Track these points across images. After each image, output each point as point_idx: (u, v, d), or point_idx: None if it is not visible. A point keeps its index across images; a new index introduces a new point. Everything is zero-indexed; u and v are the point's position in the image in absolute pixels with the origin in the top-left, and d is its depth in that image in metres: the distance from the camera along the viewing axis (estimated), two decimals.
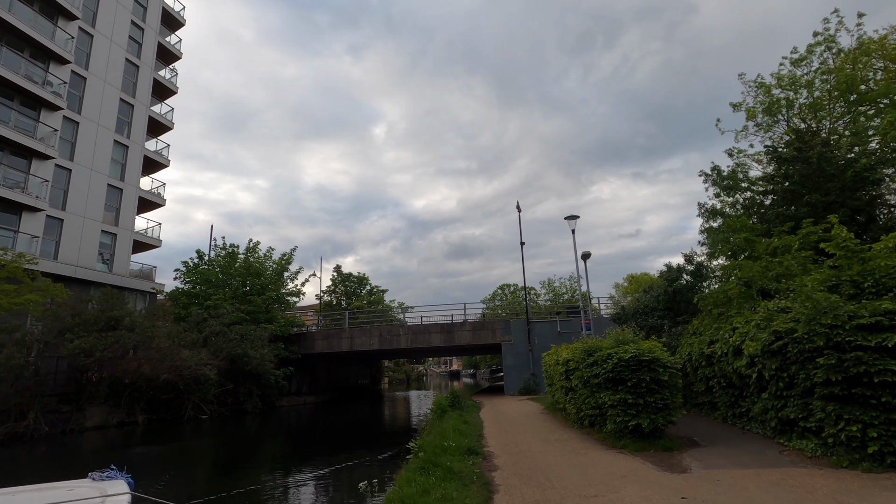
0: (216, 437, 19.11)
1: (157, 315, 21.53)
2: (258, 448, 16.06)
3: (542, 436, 10.08)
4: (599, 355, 8.74)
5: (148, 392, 20.45)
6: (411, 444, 8.23)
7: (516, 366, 25.07)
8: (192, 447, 16.51)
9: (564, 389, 11.61)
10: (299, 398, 29.97)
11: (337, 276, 55.21)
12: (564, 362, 11.02)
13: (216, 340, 22.84)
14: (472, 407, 17.25)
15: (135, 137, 29.68)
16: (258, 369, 22.88)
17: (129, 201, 28.87)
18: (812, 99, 19.66)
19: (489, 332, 26.25)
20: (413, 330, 27.34)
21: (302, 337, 28.91)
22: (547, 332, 25.27)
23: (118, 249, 27.77)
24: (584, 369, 9.31)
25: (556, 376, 12.62)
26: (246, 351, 22.59)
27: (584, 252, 14.80)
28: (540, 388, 24.36)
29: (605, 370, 8.39)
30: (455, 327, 26.75)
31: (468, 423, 12.04)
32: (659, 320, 13.46)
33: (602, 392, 8.62)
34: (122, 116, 29.13)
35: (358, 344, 27.84)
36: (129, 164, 29.12)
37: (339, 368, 38.11)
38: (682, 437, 8.62)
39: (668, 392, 8.00)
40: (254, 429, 20.97)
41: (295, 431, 20.64)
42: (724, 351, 8.92)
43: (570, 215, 14.87)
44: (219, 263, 26.64)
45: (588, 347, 9.43)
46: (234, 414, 23.46)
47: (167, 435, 18.82)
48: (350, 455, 13.67)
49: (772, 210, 13.14)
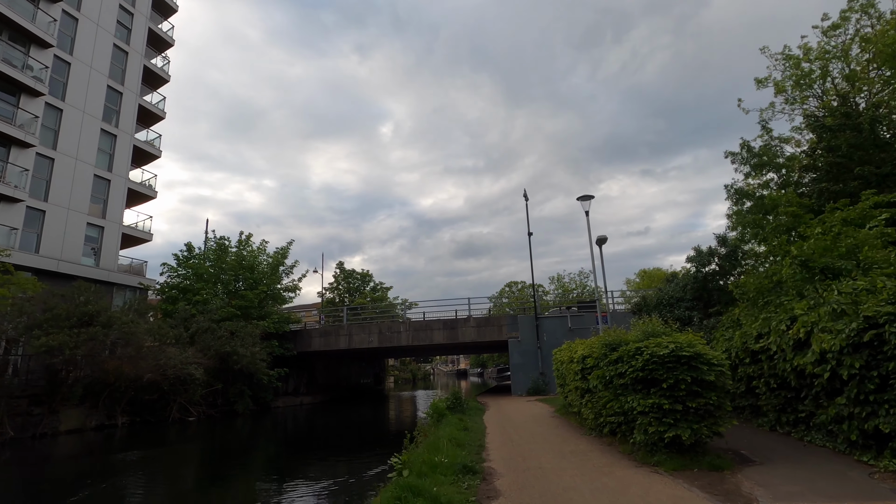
0: (196, 441, 17.71)
1: (138, 310, 20.17)
2: (234, 457, 14.62)
3: (554, 446, 8.51)
4: (625, 350, 7.15)
5: (129, 393, 19.10)
6: (394, 459, 6.71)
7: (524, 364, 23.48)
8: (166, 453, 15.10)
9: (580, 391, 10.03)
10: (296, 399, 28.58)
11: (339, 273, 53.85)
12: (580, 359, 9.43)
13: (204, 337, 21.47)
14: (475, 409, 15.70)
15: (123, 126, 28.41)
16: (249, 368, 21.48)
17: (118, 193, 27.60)
18: (849, 70, 17.85)
19: (495, 328, 24.68)
20: (414, 326, 25.83)
21: (298, 334, 27.51)
22: (557, 329, 23.65)
23: (106, 243, 26.51)
24: (606, 367, 7.72)
25: (569, 375, 11.04)
26: (235, 349, 21.20)
27: (600, 237, 13.19)
28: (550, 389, 22.76)
29: (633, 368, 6.80)
30: (458, 324, 25.21)
31: (468, 429, 10.49)
32: (687, 312, 11.82)
33: (629, 395, 7.03)
34: (109, 104, 27.86)
35: (356, 341, 26.39)
36: (117, 153, 27.85)
37: (340, 367, 36.70)
38: (728, 451, 7.02)
39: (715, 396, 6.39)
40: (241, 433, 19.56)
41: (285, 436, 19.20)
42: (780, 345, 7.30)
43: (584, 195, 13.25)
44: (209, 257, 25.28)
45: (610, 341, 7.84)
46: (224, 416, 22.09)
47: (147, 439, 17.46)
48: (336, 468, 12.19)
49: (815, 186, 11.44)
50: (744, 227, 12.03)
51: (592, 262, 13.10)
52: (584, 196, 13.29)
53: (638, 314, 12.88)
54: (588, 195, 13.20)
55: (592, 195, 13.21)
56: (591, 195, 13.24)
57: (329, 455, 13.97)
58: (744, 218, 12.22)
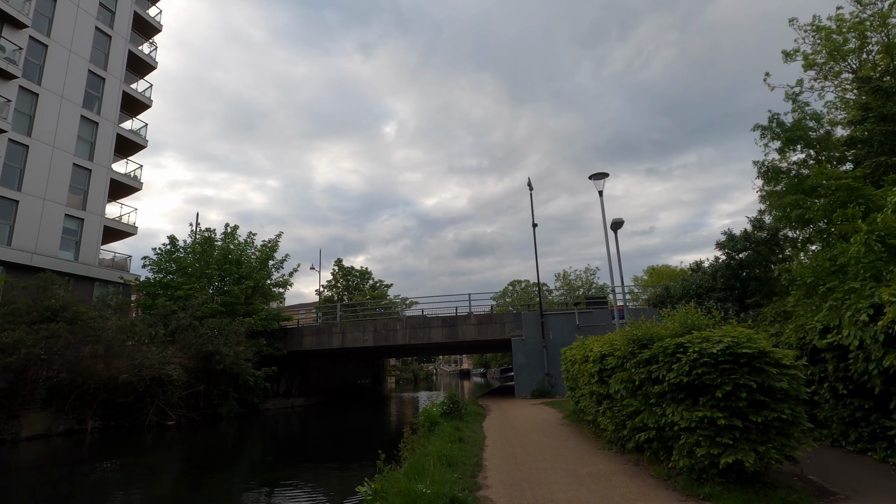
0: (173, 447, 16.22)
1: (113, 306, 18.70)
2: (208, 466, 13.10)
3: (568, 466, 6.93)
4: (661, 347, 5.56)
5: (101, 395, 17.64)
6: (363, 488, 5.17)
7: (528, 364, 21.90)
8: (136, 461, 13.57)
9: (596, 396, 8.45)
10: (287, 400, 27.08)
11: (338, 270, 52.37)
12: (598, 359, 7.86)
13: (185, 335, 19.99)
14: (474, 415, 14.13)
15: (106, 114, 26.99)
16: (233, 368, 19.98)
17: (99, 183, 26.18)
18: (888, 40, 16.18)
19: (497, 326, 23.10)
20: (411, 324, 24.28)
21: (289, 333, 26.01)
22: (563, 326, 22.06)
23: (86, 236, 25.10)
24: (634, 369, 6.15)
25: (582, 377, 9.47)
26: (218, 347, 19.71)
27: (615, 220, 11.60)
28: (556, 391, 21.17)
29: (676, 372, 5.21)
30: (458, 321, 23.64)
31: (464, 441, 8.92)
32: (719, 304, 10.25)
33: (667, 405, 5.44)
34: (91, 90, 26.44)
35: (350, 340, 24.87)
36: (99, 142, 26.42)
37: (336, 367, 35.18)
38: (792, 476, 5.44)
39: (788, 408, 4.80)
40: (223, 438, 18.06)
41: (269, 442, 17.67)
42: (860, 340, 5.70)
43: (598, 173, 11.66)
44: (194, 250, 23.80)
45: (639, 336, 6.26)
46: (207, 419, 20.59)
47: (119, 445, 15.98)
48: (318, 479, 10.65)
49: (872, 160, 9.81)
50: (783, 209, 10.43)
51: (607, 247, 11.51)
52: (597, 174, 11.70)
53: (658, 308, 11.26)
54: (602, 173, 11.61)
55: (607, 173, 11.62)
56: (605, 173, 11.65)
57: (311, 464, 12.44)
58: (781, 198, 10.61)
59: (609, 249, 11.48)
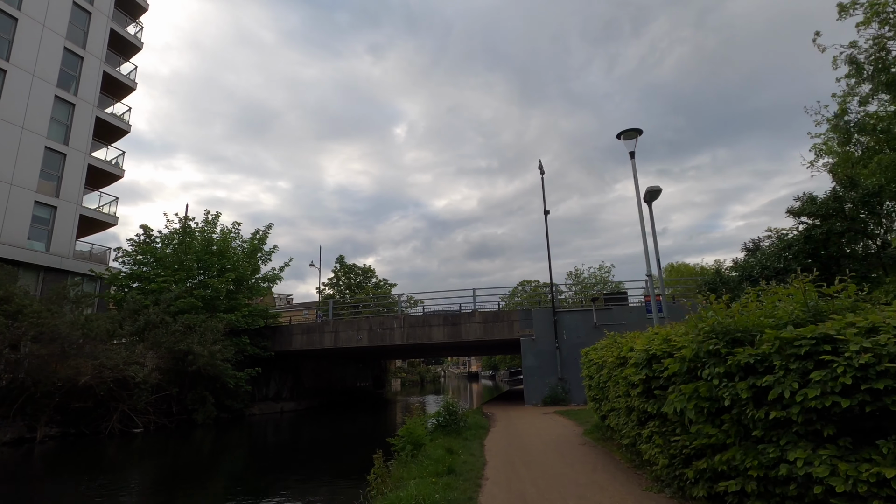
0: (134, 459, 14.09)
1: (68, 298, 16.65)
2: (155, 484, 10.91)
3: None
4: (779, 342, 3.22)
5: (55, 399, 15.59)
6: None
7: (539, 367, 19.52)
8: (84, 477, 11.42)
9: (638, 414, 6.10)
10: (276, 405, 24.93)
11: (339, 267, 50.26)
12: (644, 362, 5.52)
13: (154, 333, 17.91)
14: (475, 428, 11.81)
15: (84, 95, 25.10)
16: (208, 370, 17.85)
17: (75, 169, 24.26)
18: None
19: (505, 324, 20.75)
20: (410, 322, 22.01)
21: (277, 331, 23.87)
22: (579, 325, 19.66)
23: (59, 225, 23.19)
24: (719, 381, 3.81)
25: (614, 387, 7.15)
26: (190, 346, 17.59)
27: (650, 188, 9.26)
28: (571, 397, 18.78)
29: (820, 387, 2.87)
30: (462, 319, 21.33)
31: (456, 472, 6.61)
32: None
33: (792, 444, 3.11)
34: (67, 69, 24.57)
35: (343, 340, 22.67)
36: (75, 125, 24.52)
37: (333, 369, 33.00)
38: None
39: None
40: (190, 449, 15.90)
41: (239, 454, 15.46)
42: None
43: (628, 129, 9.33)
44: (171, 239, 21.74)
45: (726, 326, 3.92)
46: (181, 426, 18.48)
47: (68, 457, 13.90)
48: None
49: None
50: (882, 170, 7.98)
51: (641, 223, 9.15)
52: (627, 131, 9.38)
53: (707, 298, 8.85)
54: (635, 129, 9.28)
55: (640, 129, 9.29)
56: (637, 129, 9.32)
57: (280, 482, 10.21)
58: (872, 159, 8.18)
59: (644, 225, 9.12)
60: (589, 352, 9.54)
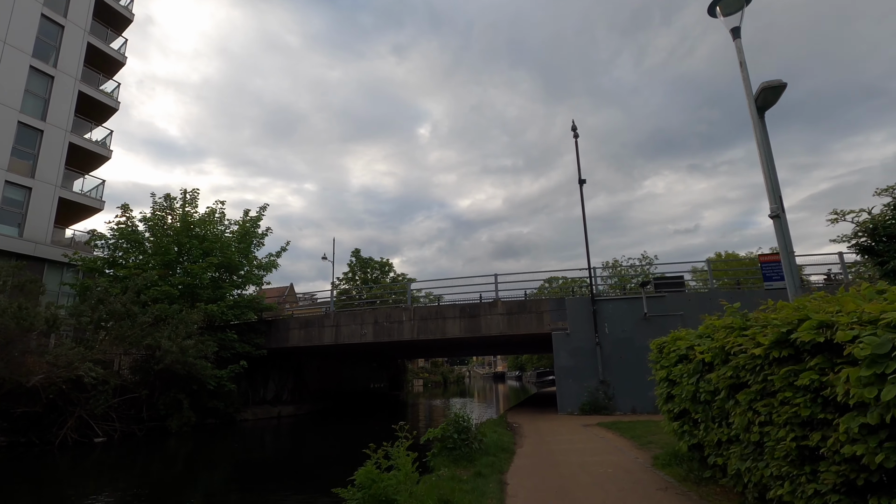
0: (66, 478, 11.32)
1: (6, 284, 14.13)
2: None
3: None
4: None
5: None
6: None
7: (575, 368, 16.08)
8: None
9: (791, 455, 2.73)
10: (273, 409, 22.14)
11: (355, 261, 47.59)
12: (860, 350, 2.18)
13: (117, 326, 15.27)
14: (495, 451, 8.52)
15: (65, 67, 22.89)
16: (176, 368, 15.07)
17: (54, 147, 22.04)
18: None
19: (533, 316, 17.36)
20: (420, 315, 18.85)
21: (273, 326, 21.07)
22: (624, 316, 16.13)
23: (34, 208, 20.96)
24: None
25: (739, 404, 3.83)
26: (158, 341, 14.86)
27: (768, 84, 5.85)
28: (615, 405, 15.29)
29: None
30: (481, 310, 18.04)
31: None
32: None
33: None
34: (44, 38, 22.39)
35: (346, 335, 19.68)
36: (54, 100, 22.32)
37: (342, 368, 30.12)
38: None
39: None
40: (154, 465, 13.09)
41: (210, 472, 12.53)
42: None
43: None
44: (148, 220, 19.12)
45: None
46: (152, 435, 15.78)
47: (6, 474, 11.28)
48: None
49: None
50: None
51: (755, 133, 5.75)
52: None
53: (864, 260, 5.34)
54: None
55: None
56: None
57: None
58: None
59: (761, 147, 5.71)
60: (666, 344, 6.16)
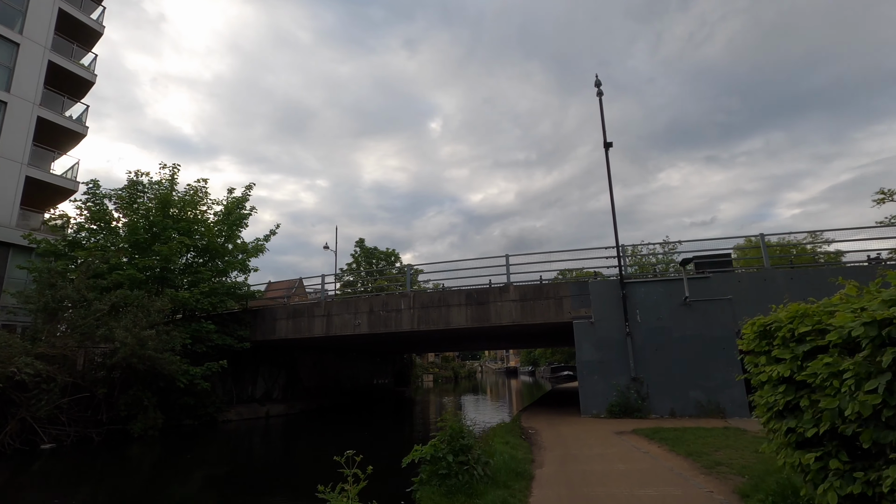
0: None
1: None
2: None
3: None
4: None
5: None
6: None
7: (601, 362, 13.64)
8: None
9: None
10: (262, 408, 20.04)
11: (359, 251, 45.49)
12: None
13: (72, 314, 13.19)
14: (506, 475, 6.16)
15: (32, 34, 20.87)
16: (136, 362, 12.95)
17: (20, 122, 20.07)
18: None
19: (551, 302, 14.94)
20: (421, 301, 16.54)
21: (258, 316, 18.94)
22: (660, 301, 13.63)
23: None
24: None
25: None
26: (112, 331, 12.75)
27: None
28: (650, 406, 12.83)
29: None
30: (490, 296, 15.67)
31: None
32: None
33: None
34: (8, 2, 20.40)
35: (338, 326, 17.46)
36: (20, 69, 20.33)
37: (341, 364, 27.96)
38: None
39: None
40: (104, 479, 10.97)
41: (158, 490, 10.37)
42: None
43: None
44: (119, 197, 17.03)
45: None
46: (112, 439, 13.72)
47: None
48: None
49: None
50: None
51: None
52: None
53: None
54: None
55: None
56: None
57: None
58: None
59: None
60: (797, 317, 3.71)
